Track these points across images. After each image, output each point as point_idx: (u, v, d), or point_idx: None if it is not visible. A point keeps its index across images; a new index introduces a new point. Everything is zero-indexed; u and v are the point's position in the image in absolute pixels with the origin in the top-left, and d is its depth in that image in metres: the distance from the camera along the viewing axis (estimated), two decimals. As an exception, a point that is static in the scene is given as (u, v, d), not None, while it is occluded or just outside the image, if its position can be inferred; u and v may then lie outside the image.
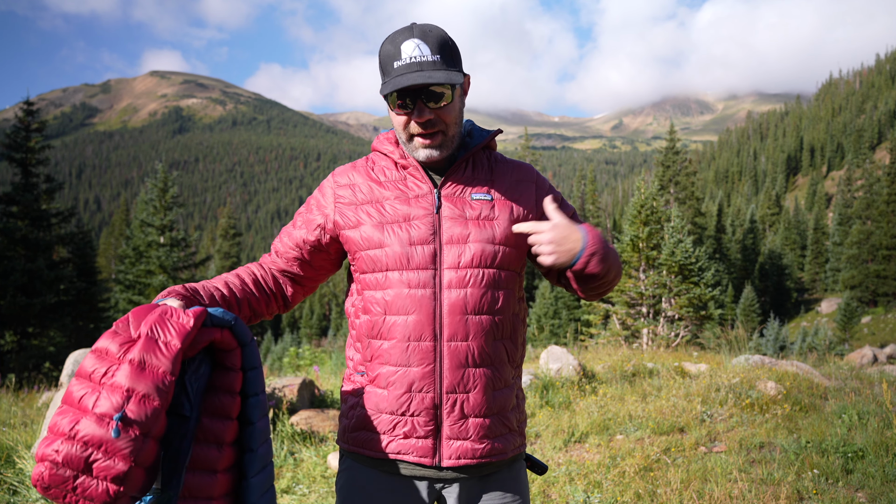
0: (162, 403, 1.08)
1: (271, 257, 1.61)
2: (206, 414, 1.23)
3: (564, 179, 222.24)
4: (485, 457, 1.44)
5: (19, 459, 4.07)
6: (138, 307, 1.18)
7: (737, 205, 75.78)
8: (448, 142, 1.46)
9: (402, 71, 1.36)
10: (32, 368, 15.73)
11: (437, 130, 1.43)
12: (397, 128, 1.47)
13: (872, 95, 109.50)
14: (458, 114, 1.46)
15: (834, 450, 3.98)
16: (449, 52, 1.41)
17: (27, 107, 18.39)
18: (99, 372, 1.09)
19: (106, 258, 47.44)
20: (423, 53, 1.36)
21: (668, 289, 15.72)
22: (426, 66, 1.36)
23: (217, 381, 1.25)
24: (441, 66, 1.37)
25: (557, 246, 1.39)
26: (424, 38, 1.38)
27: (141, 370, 1.08)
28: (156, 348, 1.10)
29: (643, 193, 16.77)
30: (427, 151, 1.45)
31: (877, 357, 17.14)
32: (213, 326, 1.22)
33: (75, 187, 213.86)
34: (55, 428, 1.06)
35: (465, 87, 1.51)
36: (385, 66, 1.41)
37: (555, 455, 4.46)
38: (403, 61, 1.37)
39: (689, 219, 39.61)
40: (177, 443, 1.18)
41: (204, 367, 1.23)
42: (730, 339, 9.85)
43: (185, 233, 22.53)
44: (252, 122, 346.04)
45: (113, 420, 1.04)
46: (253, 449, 1.28)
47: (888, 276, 42.19)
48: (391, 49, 1.39)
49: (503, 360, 1.47)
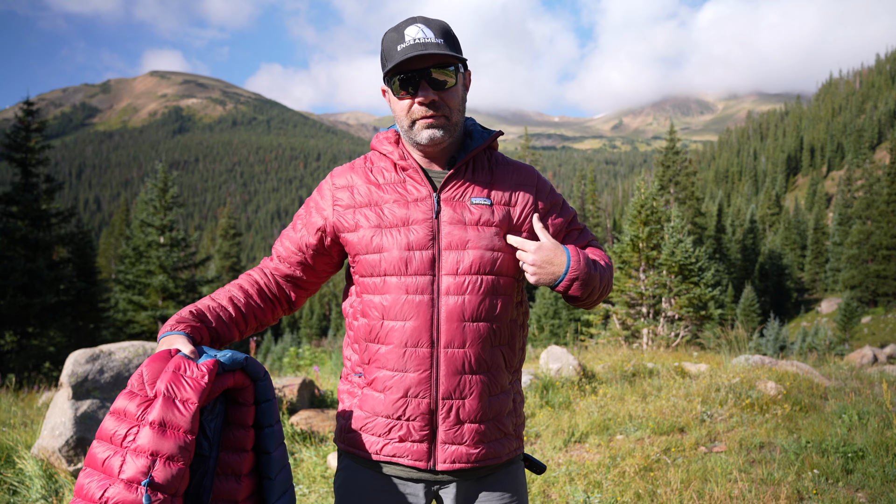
0: (185, 462, 1.12)
1: (273, 262, 1.60)
2: (222, 448, 1.27)
3: (564, 179, 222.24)
4: (479, 461, 1.45)
5: (19, 459, 4.07)
6: (151, 358, 1.20)
7: (737, 205, 75.75)
8: (451, 127, 1.44)
9: (407, 51, 1.36)
10: (32, 368, 15.72)
11: (440, 114, 1.42)
12: (400, 115, 1.45)
13: (872, 95, 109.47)
14: (460, 101, 1.45)
15: (834, 450, 3.97)
16: (452, 39, 1.42)
17: (27, 107, 18.39)
18: (120, 434, 1.12)
19: (106, 258, 47.43)
20: (427, 36, 1.37)
21: (668, 289, 15.71)
22: (430, 47, 1.36)
23: (231, 416, 1.29)
24: (444, 47, 1.38)
25: (539, 268, 1.41)
26: (428, 24, 1.39)
27: (162, 432, 1.11)
28: (174, 408, 1.13)
29: (643, 193, 16.77)
30: (430, 132, 1.42)
31: (877, 357, 17.15)
32: (226, 373, 1.24)
33: (75, 187, 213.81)
34: (85, 493, 1.09)
35: (467, 82, 1.50)
36: (388, 52, 1.41)
37: (555, 455, 4.46)
38: (407, 43, 1.37)
39: (689, 219, 39.59)
40: (198, 480, 1.21)
41: (219, 406, 1.27)
42: (730, 339, 9.85)
43: (185, 233, 22.51)
44: (252, 122, 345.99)
45: (142, 486, 1.07)
46: (271, 477, 1.31)
47: (888, 276, 42.17)
48: (395, 35, 1.40)
49: (500, 366, 1.47)
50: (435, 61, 1.38)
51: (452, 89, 1.42)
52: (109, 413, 1.16)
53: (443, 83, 1.40)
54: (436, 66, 1.38)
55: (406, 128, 1.45)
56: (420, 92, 1.39)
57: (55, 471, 4.00)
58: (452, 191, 1.47)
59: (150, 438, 1.10)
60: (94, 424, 4.07)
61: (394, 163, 1.52)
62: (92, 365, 4.27)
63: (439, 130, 1.42)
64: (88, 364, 4.26)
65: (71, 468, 3.96)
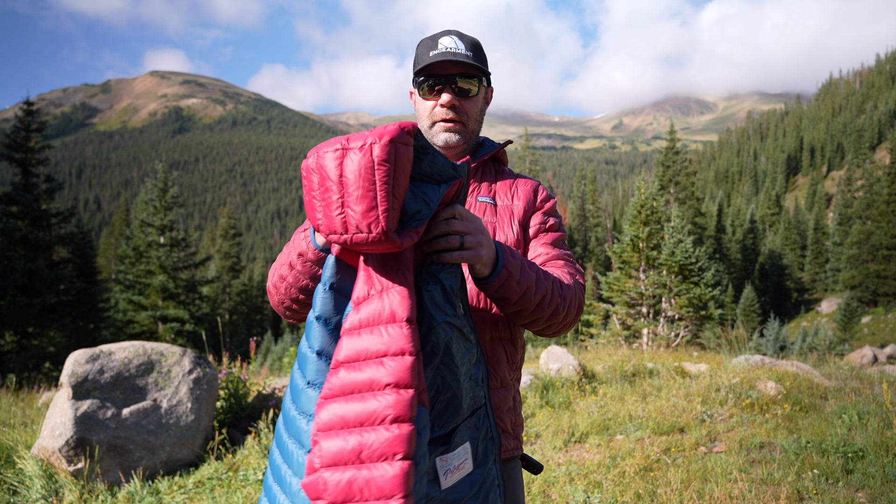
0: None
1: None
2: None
3: (564, 179, 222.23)
4: None
5: (19, 459, 4.07)
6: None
7: (737, 205, 75.77)
8: (467, 133, 1.54)
9: (438, 57, 1.47)
10: (32, 368, 15.74)
11: (459, 119, 1.51)
12: (422, 115, 1.55)
13: (872, 95, 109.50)
14: (479, 111, 1.56)
15: (834, 450, 3.97)
16: (480, 55, 1.53)
17: (27, 107, 18.40)
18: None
19: (106, 258, 47.43)
20: (458, 47, 1.48)
21: (668, 289, 15.71)
22: (460, 56, 1.47)
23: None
24: (473, 59, 1.49)
25: (473, 237, 1.18)
26: (461, 37, 1.51)
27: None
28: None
29: (643, 193, 16.77)
30: (447, 135, 1.51)
31: (877, 357, 17.15)
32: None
33: (75, 187, 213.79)
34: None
35: (489, 97, 1.61)
36: (421, 57, 1.51)
37: (555, 455, 4.45)
38: (440, 50, 1.48)
39: (689, 219, 39.60)
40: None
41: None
42: (730, 340, 9.85)
43: (185, 233, 22.51)
44: (252, 122, 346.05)
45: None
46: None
47: (888, 276, 42.17)
48: (429, 42, 1.51)
49: (501, 360, 1.48)
50: (462, 69, 1.49)
51: (474, 98, 1.52)
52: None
53: (466, 91, 1.50)
54: (462, 75, 1.49)
55: (426, 128, 1.55)
56: (444, 95, 1.49)
57: (55, 471, 3.99)
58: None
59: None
60: (94, 424, 4.07)
61: None
62: (92, 365, 4.27)
63: (455, 135, 1.52)
64: (88, 364, 4.26)
65: (71, 468, 3.96)
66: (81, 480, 3.93)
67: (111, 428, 4.12)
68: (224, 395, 5.17)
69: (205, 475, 4.24)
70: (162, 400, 4.41)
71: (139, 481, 4.07)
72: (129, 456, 4.17)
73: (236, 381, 5.26)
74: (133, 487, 4.01)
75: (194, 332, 19.79)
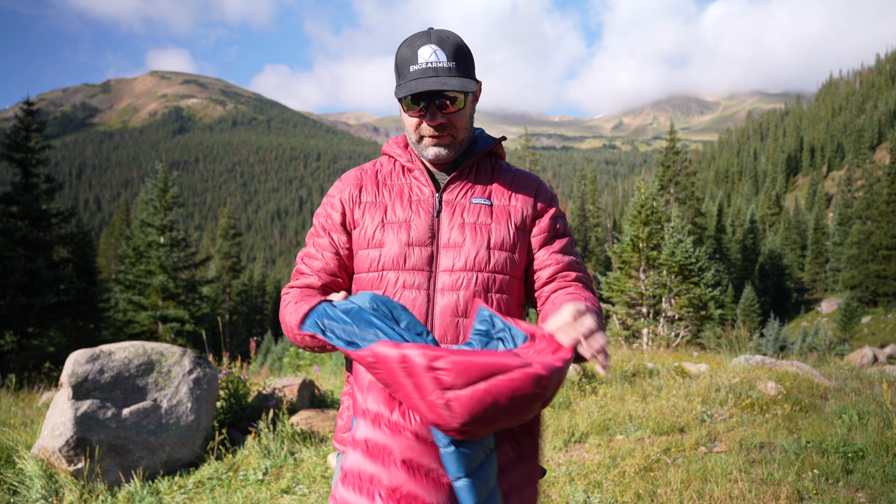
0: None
1: (306, 280, 1.53)
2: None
3: (564, 179, 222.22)
4: None
5: (19, 459, 4.07)
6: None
7: (737, 205, 75.74)
8: (457, 144, 1.51)
9: (418, 75, 1.40)
10: (32, 368, 15.73)
11: (447, 133, 1.48)
12: (409, 129, 1.51)
13: (872, 95, 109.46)
14: (468, 120, 1.51)
15: (834, 450, 3.97)
16: (464, 60, 1.44)
17: (27, 107, 18.40)
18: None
19: (106, 258, 47.42)
20: (440, 59, 1.40)
21: (668, 289, 15.71)
22: (441, 72, 1.40)
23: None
24: (456, 73, 1.41)
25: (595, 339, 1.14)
26: (441, 44, 1.41)
27: None
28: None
29: (643, 193, 16.77)
30: (436, 150, 1.49)
31: (877, 357, 17.14)
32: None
33: (75, 187, 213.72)
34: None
35: (477, 94, 1.54)
36: (401, 69, 1.44)
37: (555, 455, 4.45)
38: (420, 66, 1.41)
39: (689, 219, 39.59)
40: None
41: None
42: (730, 339, 9.85)
43: (185, 233, 22.52)
44: (252, 122, 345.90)
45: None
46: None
47: (888, 276, 42.16)
48: (408, 53, 1.43)
49: None
50: (446, 87, 1.40)
51: (460, 112, 1.47)
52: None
53: (452, 106, 1.45)
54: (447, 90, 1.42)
55: (414, 142, 1.52)
56: (429, 115, 1.44)
57: (55, 471, 3.99)
58: (454, 192, 1.53)
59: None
60: (94, 424, 4.07)
61: (402, 165, 1.59)
62: (92, 365, 4.26)
63: (444, 149, 1.49)
64: (88, 364, 4.26)
65: (71, 468, 3.96)
66: (81, 480, 3.94)
67: (111, 428, 4.12)
68: (224, 395, 5.17)
69: (205, 475, 4.24)
70: (162, 400, 4.41)
71: (139, 481, 4.07)
72: (129, 456, 4.17)
73: (236, 381, 5.26)
74: (133, 487, 4.01)
75: (194, 332, 19.80)
